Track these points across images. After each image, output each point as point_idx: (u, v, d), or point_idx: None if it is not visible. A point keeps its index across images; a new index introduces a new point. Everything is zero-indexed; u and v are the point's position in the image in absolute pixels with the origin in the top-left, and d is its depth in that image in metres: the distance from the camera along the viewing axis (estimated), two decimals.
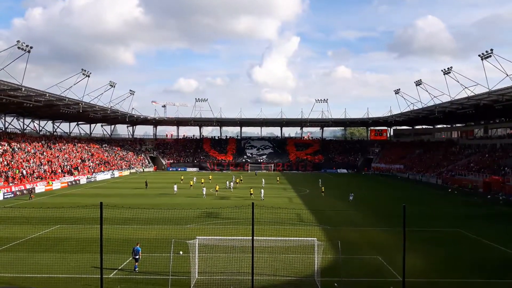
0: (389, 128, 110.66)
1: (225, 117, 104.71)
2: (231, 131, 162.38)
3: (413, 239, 24.39)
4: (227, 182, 59.46)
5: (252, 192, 47.32)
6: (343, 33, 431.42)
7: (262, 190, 47.21)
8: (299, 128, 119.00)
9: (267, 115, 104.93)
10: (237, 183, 62.57)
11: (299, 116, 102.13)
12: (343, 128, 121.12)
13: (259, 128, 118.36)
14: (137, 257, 19.47)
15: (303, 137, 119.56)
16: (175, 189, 52.76)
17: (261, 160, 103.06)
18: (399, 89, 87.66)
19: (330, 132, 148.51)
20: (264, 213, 29.42)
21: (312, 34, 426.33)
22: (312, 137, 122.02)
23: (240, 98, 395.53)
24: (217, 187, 52.14)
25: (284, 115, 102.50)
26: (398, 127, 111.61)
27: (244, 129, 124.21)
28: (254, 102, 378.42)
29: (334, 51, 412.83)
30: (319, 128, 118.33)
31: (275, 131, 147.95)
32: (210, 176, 72.30)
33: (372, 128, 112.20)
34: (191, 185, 58.12)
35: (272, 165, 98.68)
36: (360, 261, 21.06)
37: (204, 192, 47.99)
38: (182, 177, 69.47)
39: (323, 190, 50.03)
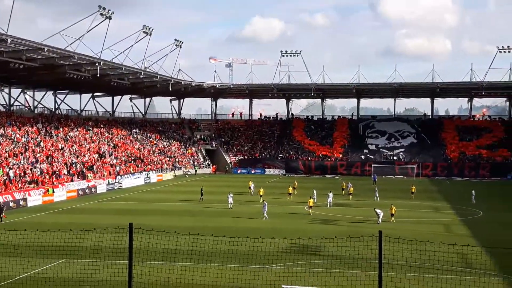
0: None
1: (331, 83, 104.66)
2: (340, 107, 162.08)
3: None
4: (314, 192, 58.78)
5: (394, 212, 46.52)
6: None
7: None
8: (466, 99, 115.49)
9: (405, 78, 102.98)
10: (350, 194, 64.17)
11: (466, 79, 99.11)
12: None
13: (391, 100, 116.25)
14: None
15: (474, 115, 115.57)
16: (230, 201, 55.10)
17: (395, 157, 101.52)
18: None
19: None
20: (401, 250, 28.72)
21: None
22: (490, 116, 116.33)
23: (357, 48, 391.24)
24: (311, 201, 52.30)
25: (438, 77, 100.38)
26: None
27: (364, 102, 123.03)
28: (382, 54, 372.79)
29: None
30: (504, 99, 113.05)
31: (419, 106, 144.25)
32: (296, 183, 72.64)
33: None
34: (261, 195, 60.26)
35: (414, 166, 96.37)
36: None
37: (265, 210, 48.48)
38: (250, 182, 70.92)
39: None
